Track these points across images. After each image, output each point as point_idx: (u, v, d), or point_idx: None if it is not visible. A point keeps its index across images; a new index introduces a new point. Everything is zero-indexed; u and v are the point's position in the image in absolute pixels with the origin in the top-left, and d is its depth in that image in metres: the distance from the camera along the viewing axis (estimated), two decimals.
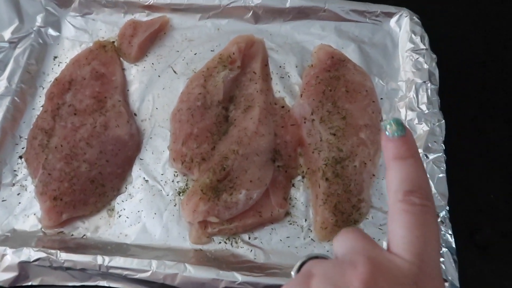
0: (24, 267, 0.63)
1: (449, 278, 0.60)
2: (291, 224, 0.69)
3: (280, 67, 0.82)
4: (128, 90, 0.81)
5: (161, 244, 0.67)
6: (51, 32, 0.85)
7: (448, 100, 0.76)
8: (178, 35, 0.86)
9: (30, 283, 0.63)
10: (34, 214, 0.69)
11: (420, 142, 0.70)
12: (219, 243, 0.67)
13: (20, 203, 0.70)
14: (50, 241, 0.67)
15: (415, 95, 0.75)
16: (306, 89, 0.78)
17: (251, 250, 0.67)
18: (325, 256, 0.40)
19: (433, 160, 0.68)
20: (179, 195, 0.71)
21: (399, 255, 0.34)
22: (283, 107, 0.78)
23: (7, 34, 0.82)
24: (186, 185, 0.72)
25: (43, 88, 0.80)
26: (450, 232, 0.63)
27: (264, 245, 0.67)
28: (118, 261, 0.62)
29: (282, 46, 0.84)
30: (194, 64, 0.82)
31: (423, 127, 0.72)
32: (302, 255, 0.42)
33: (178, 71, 0.82)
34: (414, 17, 0.83)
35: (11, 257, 0.63)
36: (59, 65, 0.83)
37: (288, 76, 0.81)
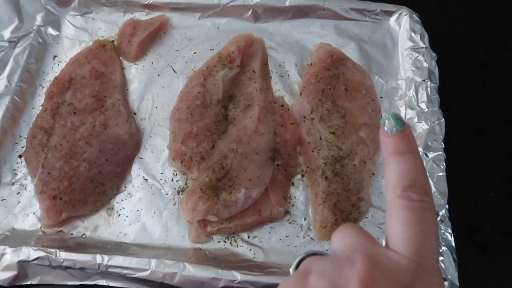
0: (23, 266, 0.63)
1: (448, 277, 0.60)
2: (290, 223, 0.69)
3: (279, 65, 0.82)
4: (127, 89, 0.81)
5: (160, 243, 0.67)
6: (51, 31, 0.85)
7: (448, 100, 0.75)
8: (177, 34, 0.85)
9: (29, 282, 0.63)
10: (34, 213, 0.69)
11: (419, 140, 0.69)
12: (219, 242, 0.67)
13: (19, 202, 0.70)
14: (50, 240, 0.67)
15: (414, 94, 0.75)
16: (306, 87, 0.77)
17: (251, 249, 0.66)
18: (323, 253, 0.40)
19: (432, 159, 0.68)
20: (179, 194, 0.71)
21: (397, 252, 0.33)
22: (282, 106, 0.77)
23: (7, 33, 0.82)
24: (186, 184, 0.71)
25: (43, 87, 0.80)
26: (450, 231, 0.63)
27: (264, 244, 0.67)
28: (118, 260, 0.62)
29: (281, 45, 0.84)
30: (193, 63, 0.82)
31: (423, 126, 0.71)
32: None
33: (177, 70, 0.82)
34: (414, 15, 0.82)
35: (10, 256, 0.63)
36: (58, 64, 0.83)
37: (288, 75, 0.81)
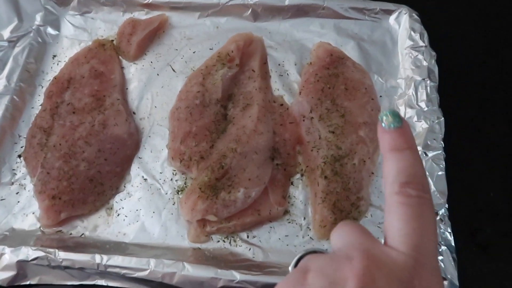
0: (22, 266, 0.63)
1: (448, 276, 0.60)
2: (290, 222, 0.69)
3: (279, 65, 0.82)
4: (127, 89, 0.80)
5: (159, 242, 0.67)
6: (50, 31, 0.85)
7: (448, 100, 0.75)
8: (177, 34, 0.85)
9: (28, 282, 0.63)
10: (33, 213, 0.69)
11: (419, 139, 0.69)
12: (218, 241, 0.67)
13: (19, 202, 0.70)
14: (49, 240, 0.66)
15: (414, 93, 0.74)
16: (305, 87, 0.77)
17: (250, 249, 0.66)
18: (322, 251, 0.40)
19: (432, 158, 0.68)
20: (178, 193, 0.71)
21: (395, 248, 0.33)
22: (282, 105, 0.77)
23: (6, 33, 0.82)
24: (185, 183, 0.71)
25: (42, 87, 0.80)
26: (450, 231, 0.63)
27: (263, 243, 0.67)
28: (117, 260, 0.62)
29: (281, 44, 0.84)
30: (192, 62, 0.82)
31: (422, 125, 0.71)
32: None
33: (177, 70, 0.82)
34: (414, 14, 0.82)
35: (9, 256, 0.63)
36: (58, 64, 0.83)
37: (287, 74, 0.81)
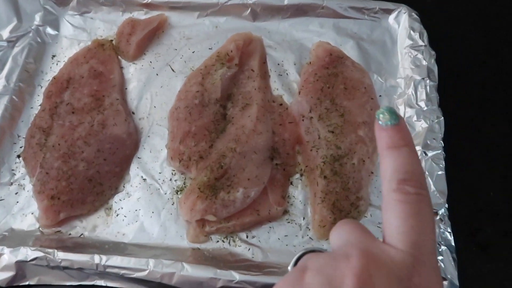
0: (21, 266, 0.63)
1: (448, 276, 0.60)
2: (289, 222, 0.69)
3: (278, 64, 0.82)
4: (126, 89, 0.80)
5: (158, 243, 0.67)
6: (50, 31, 0.85)
7: (448, 99, 0.75)
8: (176, 33, 0.85)
9: (27, 283, 0.63)
10: (32, 213, 0.69)
11: (419, 139, 0.69)
12: (217, 241, 0.67)
13: (18, 202, 0.70)
14: (48, 240, 0.66)
15: (414, 92, 0.74)
16: (305, 86, 0.77)
17: (249, 249, 0.66)
18: (322, 250, 0.40)
19: (432, 158, 0.67)
20: (177, 193, 0.70)
21: (394, 246, 0.33)
22: (281, 104, 0.77)
23: (6, 33, 0.82)
24: (184, 183, 0.71)
25: (42, 87, 0.80)
26: (449, 230, 0.63)
27: (262, 243, 0.67)
28: (116, 260, 0.62)
29: (280, 44, 0.84)
30: (192, 62, 0.82)
31: (422, 124, 0.71)
32: None
33: (176, 69, 0.82)
34: (413, 13, 0.82)
35: (8, 256, 0.63)
36: (57, 63, 0.83)
37: (287, 74, 0.81)
